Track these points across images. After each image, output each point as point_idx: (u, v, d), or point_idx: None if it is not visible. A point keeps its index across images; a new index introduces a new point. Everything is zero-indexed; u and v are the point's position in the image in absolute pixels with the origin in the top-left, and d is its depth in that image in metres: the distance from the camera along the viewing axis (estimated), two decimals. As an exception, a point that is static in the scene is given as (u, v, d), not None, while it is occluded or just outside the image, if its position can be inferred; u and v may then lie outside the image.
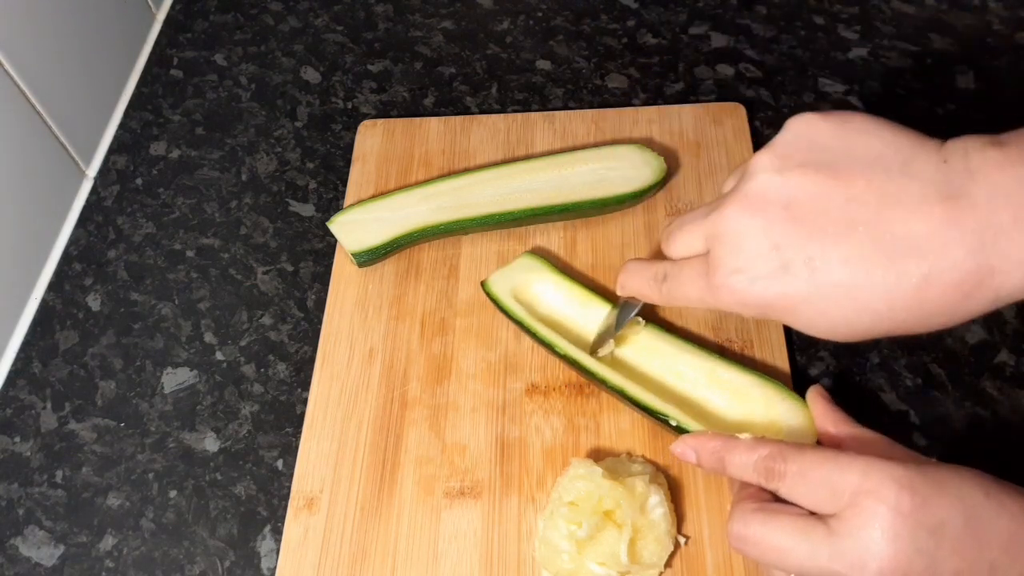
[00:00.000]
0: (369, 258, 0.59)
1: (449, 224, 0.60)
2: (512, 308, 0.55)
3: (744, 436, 0.42)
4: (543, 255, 0.59)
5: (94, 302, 0.62)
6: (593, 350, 0.53)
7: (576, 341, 0.54)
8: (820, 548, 0.35)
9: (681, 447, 0.44)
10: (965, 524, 0.33)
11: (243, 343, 0.60)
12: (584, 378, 0.54)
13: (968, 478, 0.35)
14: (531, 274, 0.57)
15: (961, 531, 0.33)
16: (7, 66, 0.59)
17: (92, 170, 0.69)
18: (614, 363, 0.53)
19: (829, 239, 0.37)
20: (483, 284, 0.57)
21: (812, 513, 0.37)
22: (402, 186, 0.63)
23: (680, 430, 0.48)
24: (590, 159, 0.61)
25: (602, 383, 0.52)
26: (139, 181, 0.69)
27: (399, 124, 0.68)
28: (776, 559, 0.37)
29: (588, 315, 0.55)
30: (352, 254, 0.59)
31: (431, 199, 0.61)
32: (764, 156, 0.40)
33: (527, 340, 0.56)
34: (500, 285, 0.57)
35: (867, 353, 0.55)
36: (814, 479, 0.37)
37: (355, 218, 0.60)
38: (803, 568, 0.36)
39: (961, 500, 0.34)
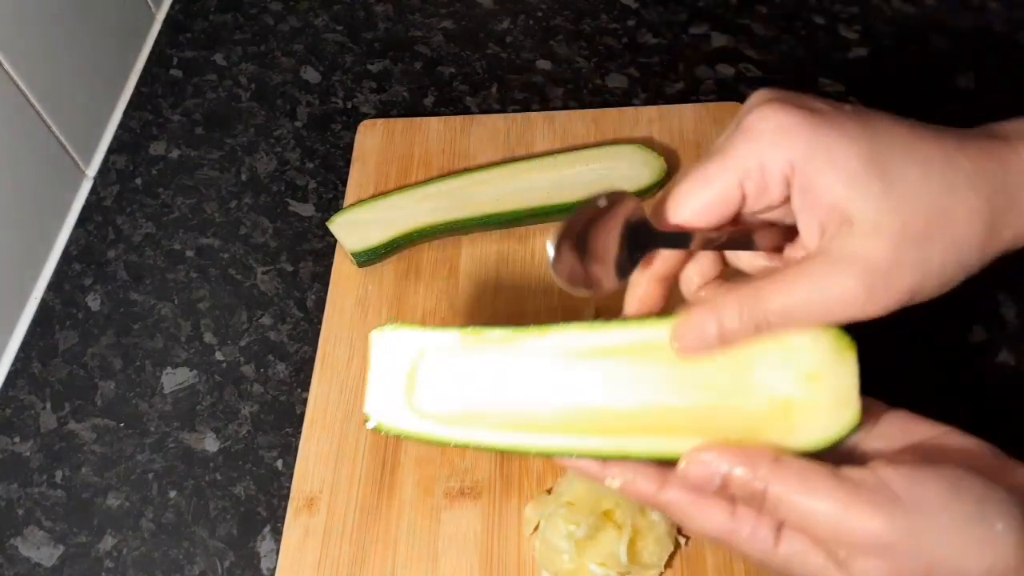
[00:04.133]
0: (369, 258, 0.59)
1: (449, 224, 0.60)
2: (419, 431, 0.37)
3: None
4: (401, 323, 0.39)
5: (94, 302, 0.62)
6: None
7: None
8: None
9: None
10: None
11: (243, 343, 0.59)
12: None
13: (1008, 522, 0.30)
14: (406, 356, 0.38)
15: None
16: (7, 66, 0.59)
17: (92, 170, 0.69)
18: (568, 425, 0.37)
19: None
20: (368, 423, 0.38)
21: None
22: (402, 186, 0.63)
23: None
24: (590, 159, 0.61)
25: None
26: (139, 181, 0.69)
27: (399, 124, 0.68)
28: None
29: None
30: (352, 254, 0.59)
31: (431, 199, 0.60)
32: None
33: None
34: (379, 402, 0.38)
35: (868, 352, 0.55)
36: (825, 528, 0.31)
37: (355, 218, 0.60)
38: None
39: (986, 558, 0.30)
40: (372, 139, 0.67)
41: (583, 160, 0.61)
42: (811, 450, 0.33)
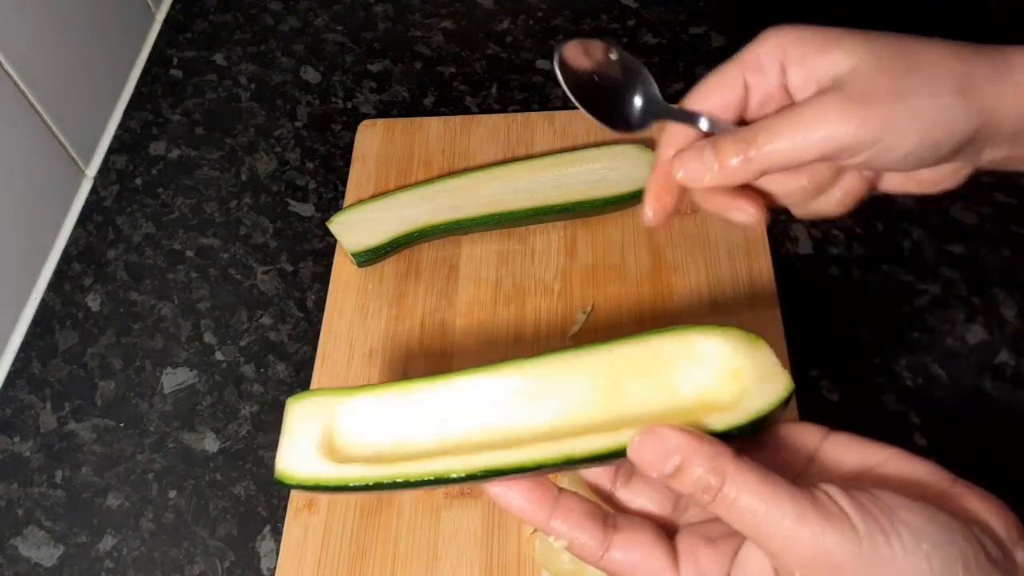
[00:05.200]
0: (369, 258, 0.59)
1: (449, 224, 0.60)
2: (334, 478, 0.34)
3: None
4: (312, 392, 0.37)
5: (94, 302, 0.62)
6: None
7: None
8: None
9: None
10: None
11: (243, 343, 0.59)
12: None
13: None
14: (321, 418, 0.36)
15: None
16: (7, 66, 0.59)
17: (92, 170, 0.69)
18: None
19: None
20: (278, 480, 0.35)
21: None
22: (402, 186, 0.63)
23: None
24: (590, 159, 0.61)
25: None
26: (139, 181, 0.69)
27: (399, 124, 0.68)
28: None
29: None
30: (352, 254, 0.59)
31: (431, 199, 0.60)
32: None
33: (527, 341, 0.56)
34: (296, 459, 0.35)
35: (868, 353, 0.55)
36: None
37: (355, 218, 0.60)
38: None
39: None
40: (372, 139, 0.67)
41: (583, 160, 0.61)
42: (755, 419, 0.33)
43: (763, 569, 0.31)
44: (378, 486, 0.34)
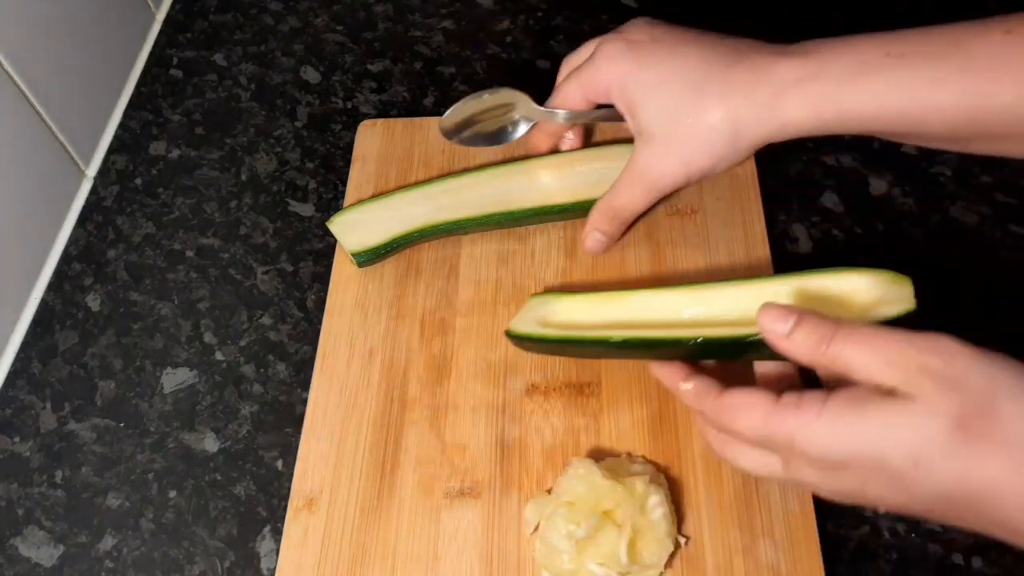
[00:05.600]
0: (369, 258, 0.59)
1: (449, 224, 0.60)
2: (551, 334, 0.53)
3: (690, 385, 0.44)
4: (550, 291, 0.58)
5: (94, 302, 0.62)
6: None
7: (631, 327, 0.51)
8: (779, 474, 0.39)
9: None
10: (906, 465, 0.34)
11: (243, 343, 0.59)
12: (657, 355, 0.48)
13: (925, 415, 0.35)
14: (547, 306, 0.54)
15: (901, 469, 0.35)
16: (7, 66, 0.59)
17: (92, 170, 0.69)
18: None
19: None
20: (508, 334, 0.55)
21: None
22: (402, 186, 0.63)
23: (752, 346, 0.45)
24: (590, 159, 0.61)
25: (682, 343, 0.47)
26: (139, 181, 0.69)
27: (399, 124, 0.68)
28: (748, 470, 0.42)
29: (624, 308, 0.53)
30: (352, 254, 0.59)
31: (431, 199, 0.60)
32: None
33: (527, 340, 0.56)
34: (524, 325, 0.54)
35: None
36: (752, 433, 0.39)
37: (355, 218, 0.60)
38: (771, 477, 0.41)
39: (902, 442, 0.35)
40: (372, 139, 0.67)
41: (583, 160, 0.61)
42: (882, 319, 0.44)
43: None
44: (572, 341, 0.52)
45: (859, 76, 0.45)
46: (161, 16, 0.79)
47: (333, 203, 0.66)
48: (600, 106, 0.55)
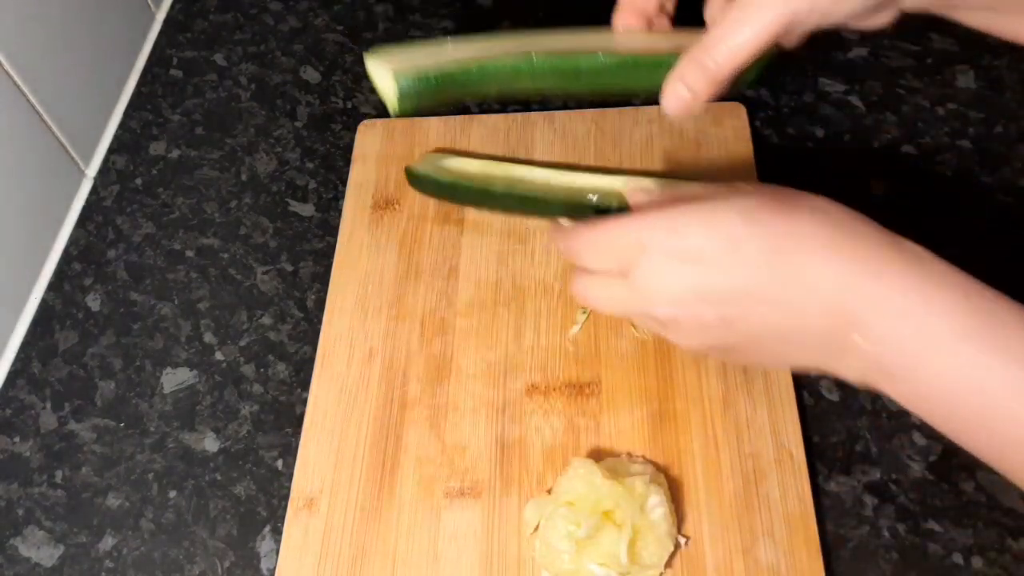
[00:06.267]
0: (415, 88, 0.48)
1: (508, 68, 0.50)
2: (445, 178, 0.62)
3: (563, 221, 0.46)
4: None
5: (94, 302, 0.62)
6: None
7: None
8: (625, 298, 0.42)
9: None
10: (723, 246, 0.38)
11: (243, 343, 0.59)
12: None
13: (728, 206, 0.39)
14: (446, 159, 0.64)
15: (720, 252, 0.38)
16: (7, 66, 0.59)
17: (92, 170, 0.69)
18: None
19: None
20: (407, 171, 0.63)
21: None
22: (402, 184, 0.63)
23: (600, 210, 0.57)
24: (680, 37, 0.53)
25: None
26: (139, 181, 0.69)
27: (399, 124, 0.68)
28: (601, 308, 0.45)
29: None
30: (396, 79, 0.49)
31: (492, 41, 0.51)
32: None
33: (527, 341, 0.56)
34: (423, 167, 0.63)
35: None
36: (600, 249, 0.42)
37: (400, 53, 0.50)
38: (623, 313, 0.45)
39: (717, 226, 0.39)
40: (372, 139, 0.67)
41: (674, 37, 0.53)
42: None
43: None
44: (462, 188, 0.62)
45: None
46: (161, 16, 0.79)
47: (333, 203, 0.66)
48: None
